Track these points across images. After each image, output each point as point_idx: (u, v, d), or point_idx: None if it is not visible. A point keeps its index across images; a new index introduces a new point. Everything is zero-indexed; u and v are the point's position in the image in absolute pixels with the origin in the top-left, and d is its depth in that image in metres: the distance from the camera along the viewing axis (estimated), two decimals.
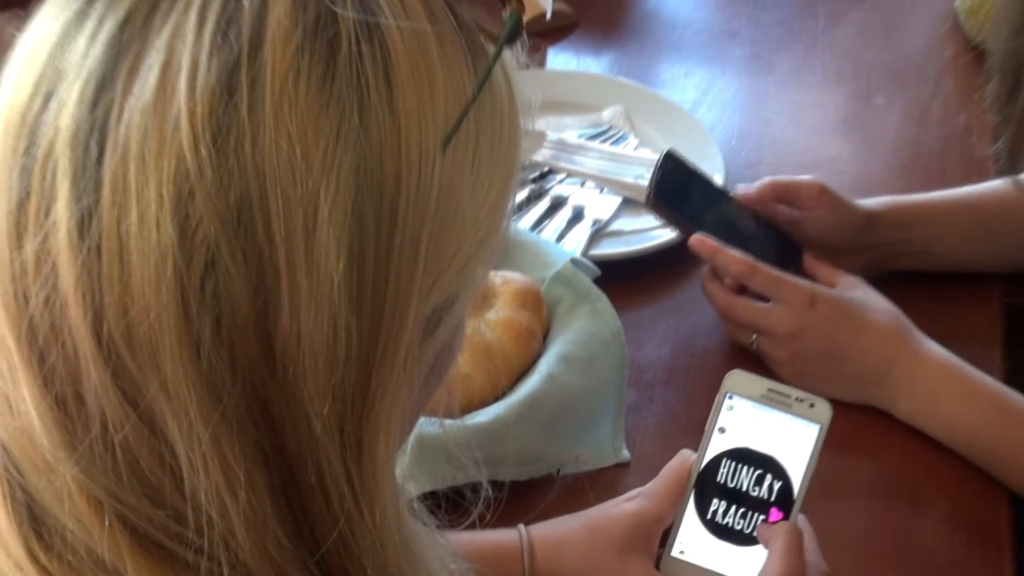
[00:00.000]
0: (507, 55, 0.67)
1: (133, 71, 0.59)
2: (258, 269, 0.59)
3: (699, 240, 1.28)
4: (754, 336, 1.26)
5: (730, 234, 1.32)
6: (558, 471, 1.20)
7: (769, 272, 1.26)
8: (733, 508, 1.01)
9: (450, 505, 0.91)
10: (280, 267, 0.59)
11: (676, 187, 1.33)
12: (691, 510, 1.02)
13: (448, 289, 0.65)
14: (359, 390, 0.62)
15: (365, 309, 0.61)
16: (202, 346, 0.59)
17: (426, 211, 0.62)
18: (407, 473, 1.06)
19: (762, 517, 1.01)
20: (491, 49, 0.66)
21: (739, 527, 1.01)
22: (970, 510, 1.19)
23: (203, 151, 0.58)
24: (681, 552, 1.02)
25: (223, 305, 0.59)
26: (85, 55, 0.60)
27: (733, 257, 1.26)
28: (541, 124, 1.51)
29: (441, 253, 0.63)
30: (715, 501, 1.02)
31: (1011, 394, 1.22)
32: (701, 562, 1.02)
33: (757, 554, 1.00)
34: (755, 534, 1.00)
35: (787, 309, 1.25)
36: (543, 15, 1.63)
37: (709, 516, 1.02)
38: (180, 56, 0.59)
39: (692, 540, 1.02)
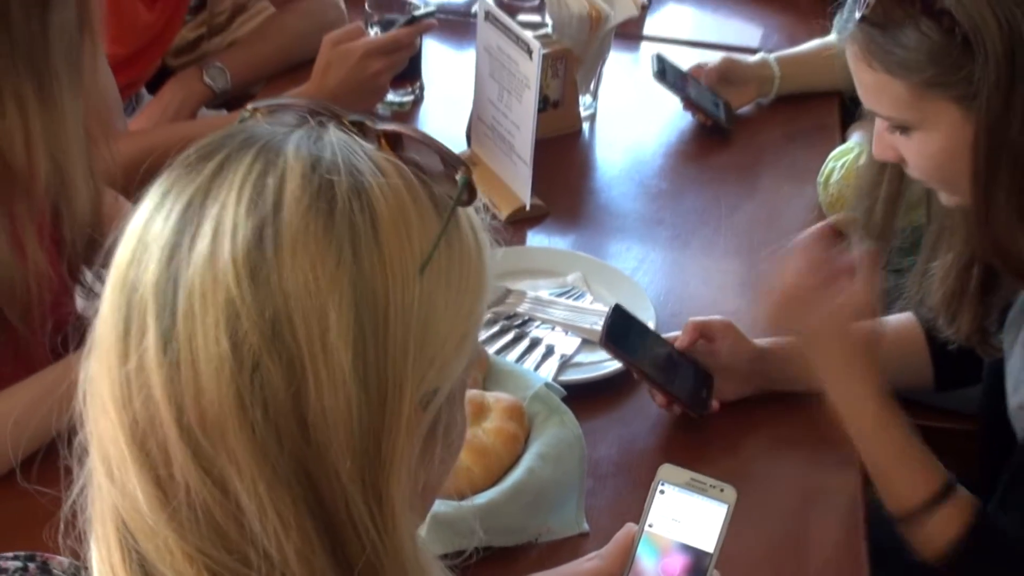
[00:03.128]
0: (472, 213, 0.68)
1: (194, 237, 0.62)
2: (289, 365, 0.60)
3: None
4: None
5: (661, 365, 1.33)
6: (536, 539, 1.19)
7: None
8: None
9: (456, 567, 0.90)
10: (305, 363, 0.60)
11: (621, 331, 1.34)
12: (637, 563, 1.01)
13: (434, 381, 0.65)
14: (373, 449, 0.62)
15: (371, 391, 0.61)
16: (256, 425, 0.60)
17: (410, 320, 0.62)
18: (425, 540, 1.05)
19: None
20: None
21: None
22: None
23: (244, 284, 0.60)
24: None
25: (267, 394, 0.60)
26: (161, 231, 0.63)
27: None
28: (522, 285, 1.51)
29: (425, 352, 0.63)
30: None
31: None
32: None
33: None
34: None
35: None
36: (524, 207, 1.65)
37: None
38: (224, 223, 0.61)
39: None
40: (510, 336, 1.44)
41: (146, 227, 0.64)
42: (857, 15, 1.08)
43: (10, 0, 1.08)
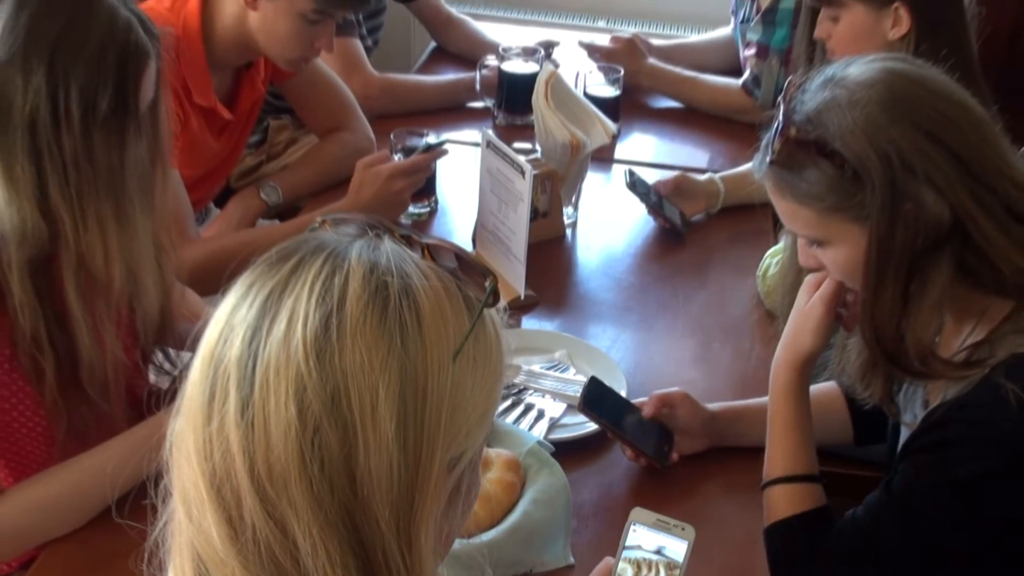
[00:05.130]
0: (495, 314, 0.69)
1: (272, 322, 0.62)
2: (344, 430, 0.60)
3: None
4: None
5: (630, 426, 1.33)
6: (531, 570, 1.18)
7: None
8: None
9: None
10: (357, 429, 0.61)
11: (597, 399, 1.34)
12: None
13: (460, 447, 0.65)
14: (407, 502, 0.62)
15: (409, 455, 0.62)
16: (313, 479, 0.60)
17: (444, 397, 0.63)
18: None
19: None
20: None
21: None
22: None
23: (311, 363, 0.61)
24: None
25: (324, 453, 0.60)
26: (245, 316, 0.63)
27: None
28: (518, 360, 1.52)
29: (454, 424, 0.64)
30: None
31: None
32: None
33: None
34: None
35: None
36: (519, 297, 1.66)
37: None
38: (298, 312, 0.62)
39: None
40: (508, 402, 1.44)
41: (232, 312, 0.64)
42: (768, 159, 1.10)
43: (95, 140, 1.10)
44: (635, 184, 1.85)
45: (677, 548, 1.01)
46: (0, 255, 1.10)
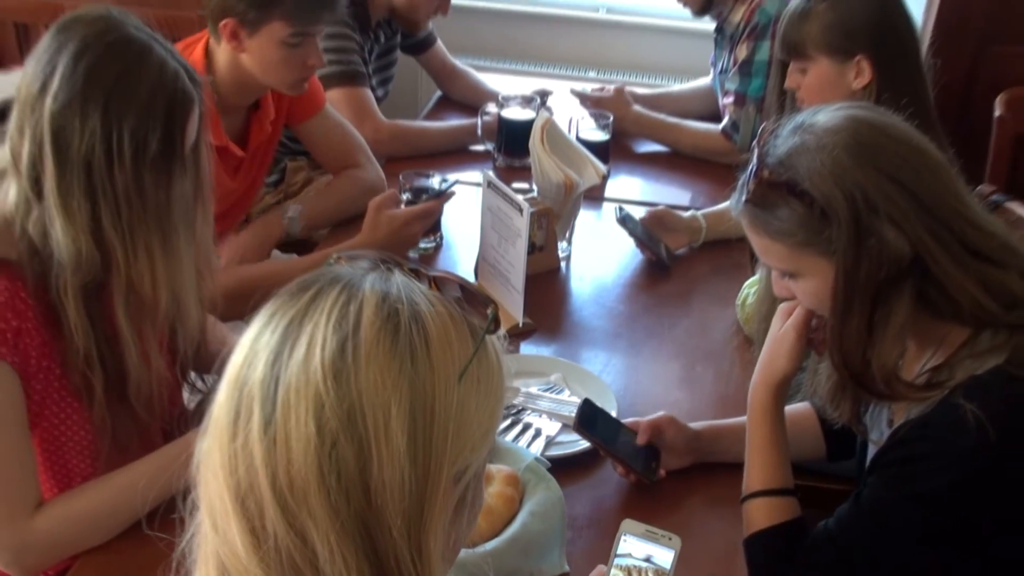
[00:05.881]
0: (496, 339, 0.70)
1: (293, 346, 0.63)
2: (359, 445, 0.61)
3: None
4: None
5: (621, 444, 1.33)
6: None
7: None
8: None
9: None
10: (371, 444, 0.61)
11: (590, 419, 1.34)
12: None
13: (466, 461, 0.65)
14: (417, 511, 0.62)
15: (419, 467, 0.62)
16: (331, 490, 0.61)
17: (450, 415, 0.63)
18: None
19: None
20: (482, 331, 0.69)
21: None
22: None
23: (329, 383, 0.61)
24: None
25: (341, 467, 0.61)
26: (268, 341, 0.64)
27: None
28: (517, 383, 1.52)
29: (460, 439, 0.64)
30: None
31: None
32: None
33: None
34: None
35: None
36: (518, 324, 1.66)
37: None
38: (316, 337, 0.62)
39: None
40: (508, 421, 1.44)
41: (256, 338, 0.65)
42: (743, 198, 1.12)
43: (145, 178, 1.13)
44: (625, 220, 1.86)
45: (665, 556, 1.01)
46: (57, 280, 1.13)
